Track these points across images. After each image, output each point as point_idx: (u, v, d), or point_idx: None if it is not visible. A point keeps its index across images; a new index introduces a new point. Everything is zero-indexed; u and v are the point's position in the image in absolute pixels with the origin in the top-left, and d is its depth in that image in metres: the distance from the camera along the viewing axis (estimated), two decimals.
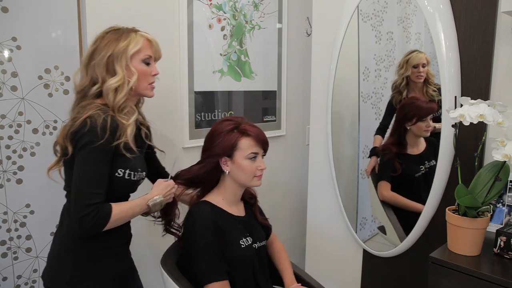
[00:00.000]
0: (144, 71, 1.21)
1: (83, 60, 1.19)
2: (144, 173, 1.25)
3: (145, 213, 1.24)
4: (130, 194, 1.27)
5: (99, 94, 1.17)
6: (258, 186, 1.33)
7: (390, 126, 1.69)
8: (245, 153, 1.26)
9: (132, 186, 1.22)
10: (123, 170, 1.15)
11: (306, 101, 2.22)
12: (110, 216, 1.08)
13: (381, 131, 1.73)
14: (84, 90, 1.17)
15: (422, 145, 1.62)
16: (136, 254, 1.36)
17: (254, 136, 1.28)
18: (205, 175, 1.32)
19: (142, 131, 1.30)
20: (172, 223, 1.38)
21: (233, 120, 1.30)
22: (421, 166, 1.59)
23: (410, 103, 1.60)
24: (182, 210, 1.40)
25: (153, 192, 1.24)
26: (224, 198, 1.32)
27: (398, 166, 1.65)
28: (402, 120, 1.62)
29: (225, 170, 1.29)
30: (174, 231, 1.39)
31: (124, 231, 1.25)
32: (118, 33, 1.18)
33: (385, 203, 1.73)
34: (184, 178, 1.33)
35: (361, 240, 1.81)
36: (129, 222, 1.27)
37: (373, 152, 1.76)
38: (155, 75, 1.26)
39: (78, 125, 1.07)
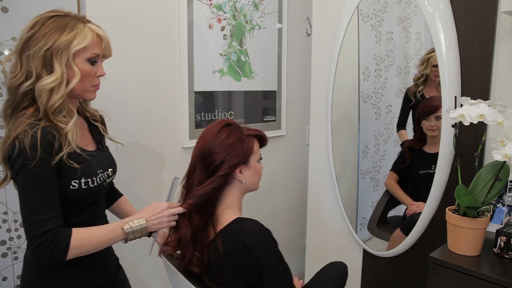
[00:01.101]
0: (87, 72, 1.03)
1: (17, 46, 0.99)
2: (110, 169, 1.13)
3: (125, 240, 1.05)
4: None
5: (33, 100, 0.99)
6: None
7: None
8: (257, 156, 1.19)
9: (96, 192, 1.07)
10: (77, 181, 1.01)
11: (306, 101, 2.23)
12: (68, 242, 0.95)
13: (401, 126, 1.73)
14: (18, 87, 0.98)
15: None
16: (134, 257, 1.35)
17: (262, 136, 1.22)
18: (219, 191, 1.15)
19: (98, 127, 1.18)
20: (192, 258, 1.11)
21: (232, 125, 1.19)
22: (432, 166, 1.58)
23: (423, 101, 1.60)
24: None
25: (136, 214, 1.06)
26: (239, 211, 1.18)
27: (408, 159, 1.66)
28: (417, 117, 1.64)
29: (241, 179, 1.15)
30: (196, 269, 1.11)
31: None
32: (62, 22, 0.99)
33: (387, 193, 1.76)
34: (201, 194, 1.10)
35: (361, 240, 1.81)
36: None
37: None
38: (100, 76, 1.08)
39: (8, 149, 0.94)
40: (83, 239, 0.97)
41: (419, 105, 1.61)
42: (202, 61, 1.86)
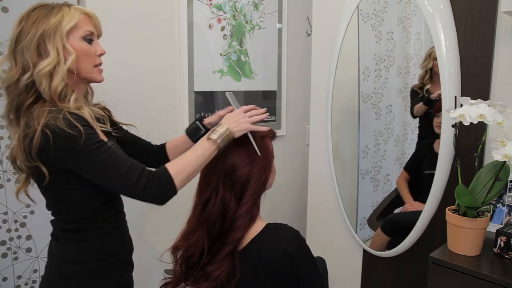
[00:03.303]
0: (86, 50, 1.01)
1: (9, 46, 0.98)
2: None
3: (217, 149, 1.01)
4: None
5: (38, 93, 0.97)
6: None
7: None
8: (273, 156, 1.12)
9: None
10: None
11: (306, 101, 2.23)
12: (167, 171, 0.95)
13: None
14: (16, 83, 0.95)
15: None
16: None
17: (274, 133, 1.17)
18: None
19: (106, 120, 1.15)
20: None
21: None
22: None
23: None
24: None
25: (216, 126, 1.03)
26: (259, 214, 1.11)
27: (420, 158, 1.64)
28: (432, 113, 1.59)
29: (267, 187, 1.11)
30: (206, 284, 1.02)
31: (118, 240, 1.13)
32: (47, 9, 0.98)
33: (396, 190, 1.76)
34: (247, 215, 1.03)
35: (361, 240, 1.81)
36: (127, 232, 1.18)
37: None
38: (101, 54, 1.05)
39: (39, 141, 0.90)
40: (178, 163, 0.98)
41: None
42: (202, 61, 1.86)
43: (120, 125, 1.24)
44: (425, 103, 1.59)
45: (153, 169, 0.97)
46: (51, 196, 1.05)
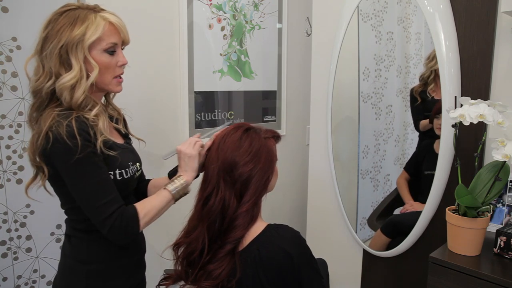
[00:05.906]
0: (107, 63, 1.01)
1: (36, 47, 0.98)
2: (138, 163, 1.15)
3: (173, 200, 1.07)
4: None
5: (58, 99, 0.98)
6: None
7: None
8: (277, 158, 1.13)
9: (128, 184, 1.09)
10: (112, 172, 1.01)
11: (306, 101, 2.23)
12: (137, 215, 0.98)
13: (418, 121, 1.69)
14: (42, 89, 0.97)
15: None
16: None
17: (279, 136, 1.18)
18: None
19: (120, 122, 1.19)
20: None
21: (251, 129, 1.11)
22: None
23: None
24: None
25: (180, 173, 1.07)
26: (260, 215, 1.11)
27: (420, 158, 1.64)
28: (432, 114, 1.59)
29: (269, 189, 1.12)
30: (207, 283, 1.01)
31: (136, 240, 1.14)
32: (73, 16, 0.96)
33: (396, 190, 1.76)
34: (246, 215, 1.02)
35: (361, 240, 1.81)
36: (141, 233, 1.18)
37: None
38: (122, 65, 1.05)
39: (42, 143, 0.93)
40: (145, 206, 1.01)
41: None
42: (202, 61, 1.86)
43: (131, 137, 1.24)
44: (431, 121, 1.59)
45: (123, 209, 0.99)
46: (61, 195, 1.06)
